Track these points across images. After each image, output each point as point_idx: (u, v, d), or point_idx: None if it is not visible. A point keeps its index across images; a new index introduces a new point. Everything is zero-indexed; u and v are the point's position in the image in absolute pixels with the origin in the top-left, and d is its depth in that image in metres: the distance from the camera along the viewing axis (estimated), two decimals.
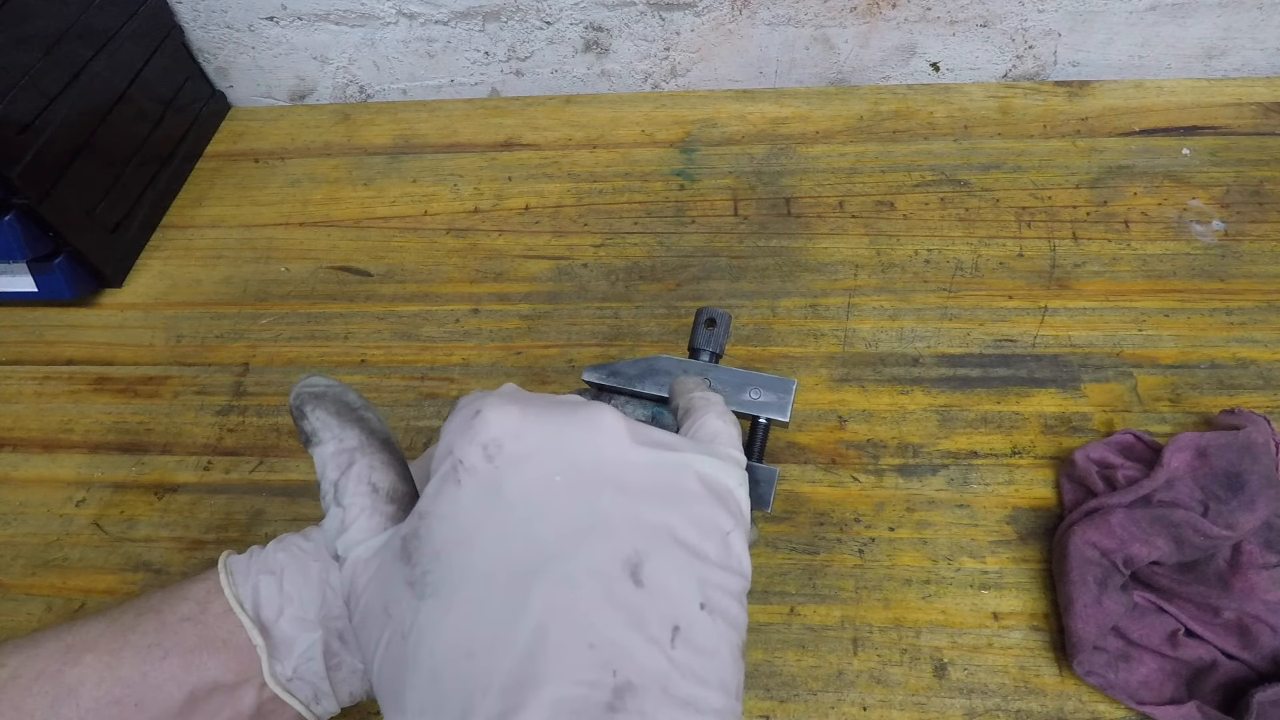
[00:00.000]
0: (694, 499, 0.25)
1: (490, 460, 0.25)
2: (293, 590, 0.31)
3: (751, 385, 0.35)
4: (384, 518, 0.27)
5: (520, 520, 0.24)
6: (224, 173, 0.65)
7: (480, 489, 0.25)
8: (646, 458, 0.25)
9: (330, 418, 0.29)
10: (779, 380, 0.35)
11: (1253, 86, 0.61)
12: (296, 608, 0.30)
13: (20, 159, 0.48)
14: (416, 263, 0.56)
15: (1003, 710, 0.36)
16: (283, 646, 0.30)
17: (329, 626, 0.31)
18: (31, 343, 0.54)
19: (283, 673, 0.30)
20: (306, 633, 0.30)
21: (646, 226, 0.57)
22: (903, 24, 0.61)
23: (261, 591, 0.31)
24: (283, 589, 0.31)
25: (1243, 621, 0.36)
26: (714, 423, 0.29)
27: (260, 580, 0.31)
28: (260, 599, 0.31)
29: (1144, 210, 0.54)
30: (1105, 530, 0.37)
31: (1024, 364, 0.47)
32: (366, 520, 0.27)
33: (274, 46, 0.66)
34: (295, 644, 0.30)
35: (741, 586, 0.25)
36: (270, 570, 0.31)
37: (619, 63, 0.65)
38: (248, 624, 0.30)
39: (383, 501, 0.28)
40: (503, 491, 0.24)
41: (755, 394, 0.35)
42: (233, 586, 0.30)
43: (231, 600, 0.30)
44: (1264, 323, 0.48)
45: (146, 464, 0.48)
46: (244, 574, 0.31)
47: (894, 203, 0.56)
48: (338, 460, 0.28)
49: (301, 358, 0.52)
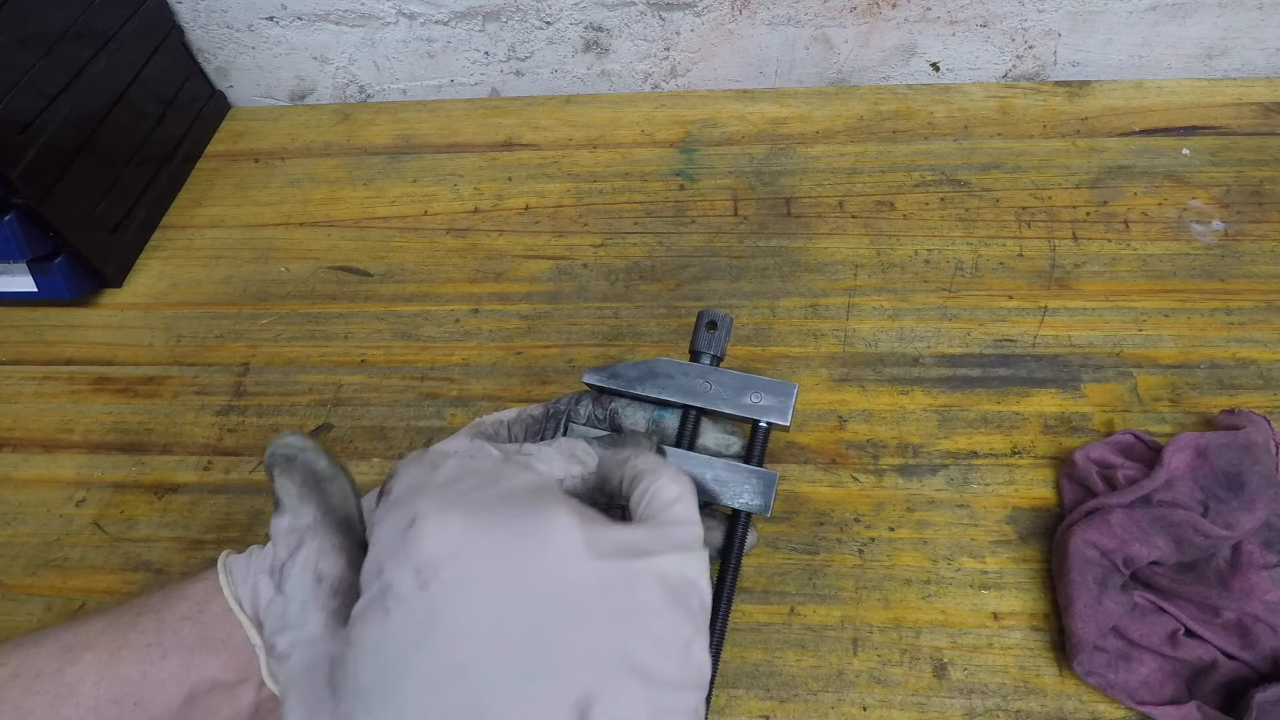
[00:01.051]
0: (653, 613, 0.23)
1: (424, 588, 0.22)
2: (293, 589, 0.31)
3: (752, 389, 0.35)
4: (326, 613, 0.25)
5: (456, 663, 0.21)
6: (224, 173, 0.65)
7: (411, 622, 0.22)
8: (601, 573, 0.23)
9: (292, 487, 0.26)
10: (780, 384, 0.35)
11: (1253, 86, 0.61)
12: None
13: (20, 159, 0.48)
14: (416, 263, 0.56)
15: (1003, 710, 0.36)
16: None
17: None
18: (31, 343, 0.54)
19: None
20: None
21: (646, 226, 0.57)
22: (903, 24, 0.61)
23: (260, 591, 0.30)
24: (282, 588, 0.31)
25: (1243, 621, 0.36)
26: (667, 489, 0.27)
27: (260, 580, 0.31)
28: (259, 598, 0.30)
29: (1144, 210, 0.54)
30: (1105, 530, 0.37)
31: (1024, 364, 0.47)
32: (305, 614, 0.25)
33: (274, 46, 0.66)
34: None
35: (699, 698, 0.24)
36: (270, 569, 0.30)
37: (619, 63, 0.65)
38: (246, 624, 0.30)
39: (325, 594, 0.25)
40: (436, 626, 0.21)
41: (756, 397, 0.35)
42: (231, 586, 0.30)
43: (230, 600, 0.30)
44: (1264, 323, 0.48)
45: (146, 464, 0.48)
46: (243, 574, 0.31)
47: (894, 203, 0.56)
48: (288, 540, 0.26)
49: (301, 358, 0.52)
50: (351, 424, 0.48)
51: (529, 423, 0.37)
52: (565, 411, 0.37)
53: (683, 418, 0.36)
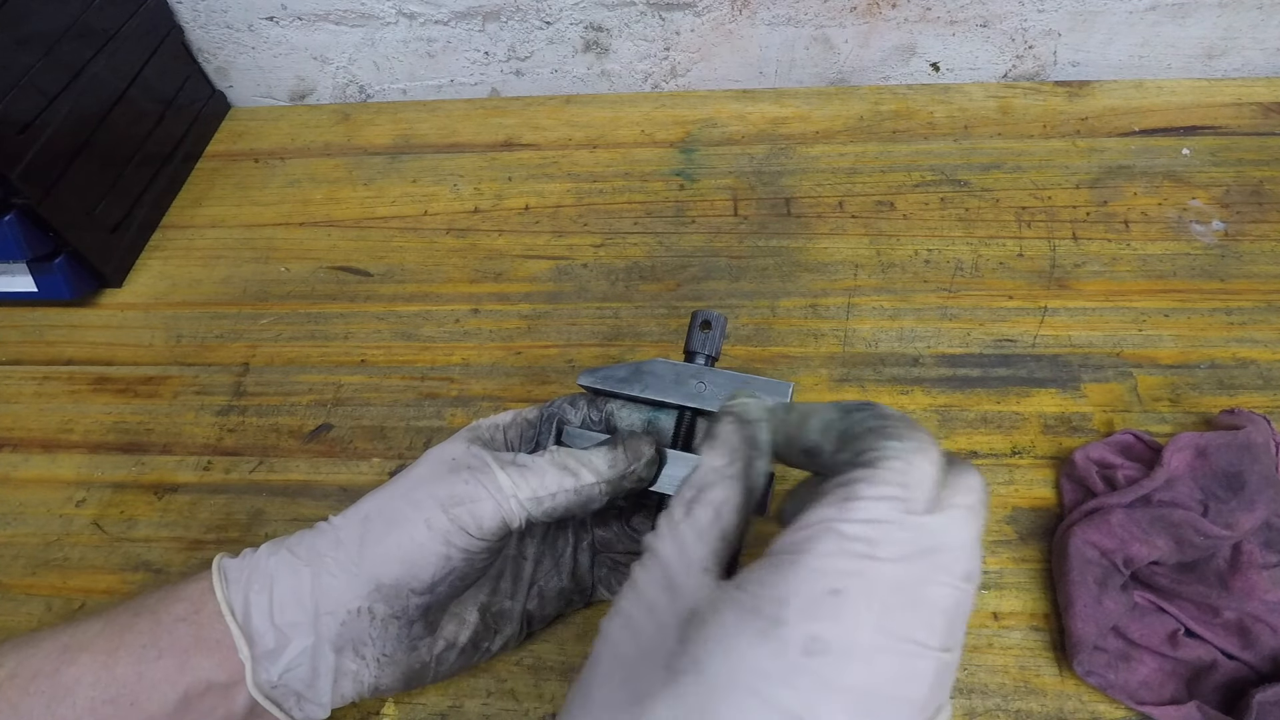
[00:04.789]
0: None
1: (801, 666, 0.20)
2: (285, 595, 0.31)
3: (747, 389, 0.35)
4: (709, 551, 0.25)
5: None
6: (224, 173, 0.65)
7: (763, 667, 0.20)
8: None
9: (736, 438, 0.27)
10: (775, 383, 0.35)
11: (1253, 86, 0.61)
12: (289, 613, 0.31)
13: (20, 159, 0.48)
14: (416, 263, 0.56)
15: (1003, 710, 0.36)
16: (270, 653, 0.30)
17: (322, 632, 0.31)
18: (31, 343, 0.54)
19: (267, 679, 0.30)
20: (298, 639, 0.31)
21: (646, 226, 0.57)
22: (903, 24, 0.61)
23: (252, 597, 0.31)
24: (273, 595, 0.31)
25: (1243, 621, 0.36)
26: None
27: (252, 585, 0.31)
28: (251, 604, 0.31)
29: (1144, 210, 0.54)
30: (1105, 530, 0.37)
31: (1024, 364, 0.47)
32: (697, 543, 0.25)
33: (274, 46, 0.66)
34: (285, 650, 0.30)
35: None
36: (262, 575, 0.31)
37: (619, 63, 0.65)
38: (235, 631, 0.30)
39: (716, 536, 0.25)
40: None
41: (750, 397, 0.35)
42: (224, 590, 0.31)
43: (222, 605, 0.30)
44: (1264, 323, 0.48)
45: (146, 464, 0.48)
46: (236, 578, 0.31)
47: (894, 203, 0.56)
48: (704, 476, 0.26)
49: (301, 358, 0.52)
50: (351, 424, 0.48)
51: (524, 427, 0.37)
52: (557, 414, 0.37)
53: (678, 419, 0.36)
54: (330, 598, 0.31)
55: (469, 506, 0.31)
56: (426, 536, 0.31)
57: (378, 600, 0.31)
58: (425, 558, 0.31)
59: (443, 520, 0.31)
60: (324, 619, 0.31)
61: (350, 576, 0.31)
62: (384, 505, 0.32)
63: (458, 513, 0.31)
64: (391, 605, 0.31)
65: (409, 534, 0.31)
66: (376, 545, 0.31)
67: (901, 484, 0.22)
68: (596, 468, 0.33)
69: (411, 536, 0.31)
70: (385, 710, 0.37)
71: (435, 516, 0.31)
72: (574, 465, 0.33)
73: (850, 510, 0.21)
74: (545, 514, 0.32)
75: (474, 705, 0.37)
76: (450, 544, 0.31)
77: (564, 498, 0.32)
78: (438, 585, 0.32)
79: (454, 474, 0.32)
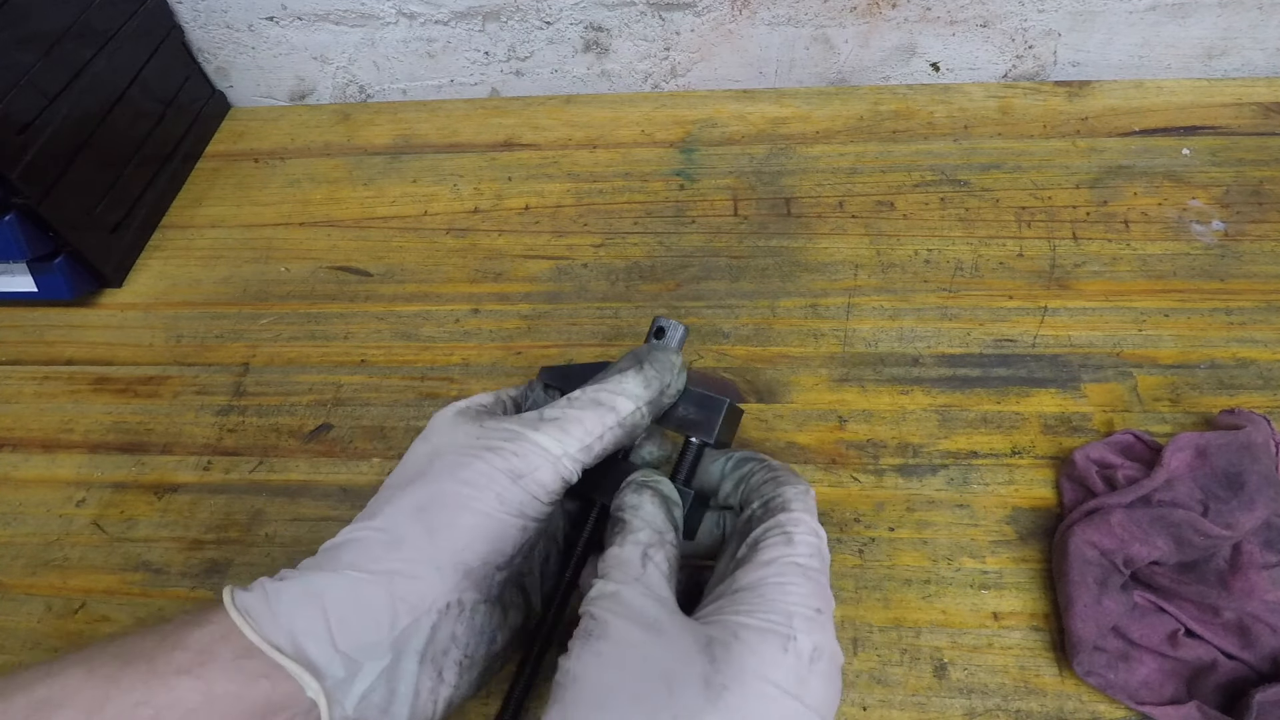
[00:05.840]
0: None
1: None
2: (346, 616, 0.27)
3: (685, 401, 0.33)
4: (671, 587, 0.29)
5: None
6: (224, 173, 0.65)
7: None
8: None
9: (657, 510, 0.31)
10: (710, 398, 0.33)
11: (1253, 86, 0.61)
12: (357, 634, 0.26)
13: (20, 159, 0.48)
14: (416, 263, 0.56)
15: (1003, 710, 0.36)
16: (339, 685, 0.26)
17: (404, 646, 0.27)
18: (31, 343, 0.54)
19: (342, 716, 0.26)
20: (372, 661, 0.27)
21: (646, 226, 0.57)
22: (903, 24, 0.61)
23: (301, 625, 0.26)
24: (329, 619, 0.26)
25: (1243, 621, 0.36)
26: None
27: (297, 613, 0.26)
28: (300, 635, 0.26)
29: (1144, 210, 0.54)
30: (1105, 530, 0.37)
31: (1024, 364, 0.47)
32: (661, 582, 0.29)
33: (274, 46, 0.66)
34: (357, 677, 0.26)
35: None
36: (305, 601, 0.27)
37: (619, 63, 0.65)
38: (293, 669, 0.25)
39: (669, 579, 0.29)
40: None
41: (686, 410, 0.33)
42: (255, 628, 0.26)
43: (262, 645, 0.25)
44: (1264, 323, 0.48)
45: (146, 464, 0.48)
46: (266, 610, 0.26)
47: (894, 203, 0.56)
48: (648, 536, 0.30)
49: (301, 358, 0.52)
50: (351, 424, 0.48)
51: (508, 405, 0.37)
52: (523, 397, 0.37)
53: None
54: (414, 600, 0.28)
55: (532, 475, 0.30)
56: (502, 510, 0.29)
57: (467, 589, 0.29)
58: (507, 532, 0.30)
59: (515, 491, 0.30)
60: (410, 630, 0.27)
61: (434, 570, 0.28)
62: (436, 493, 0.30)
63: (525, 483, 0.30)
64: (480, 588, 0.30)
65: (485, 511, 0.29)
66: (452, 530, 0.29)
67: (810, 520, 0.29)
68: (632, 392, 0.32)
69: (489, 514, 0.29)
70: None
71: (506, 490, 0.30)
72: (608, 398, 0.31)
73: (796, 547, 0.28)
74: (596, 458, 0.31)
75: (474, 705, 0.37)
76: (524, 514, 0.30)
77: (611, 436, 0.31)
78: (515, 557, 0.31)
79: (491, 451, 0.30)
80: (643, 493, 0.31)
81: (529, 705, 0.33)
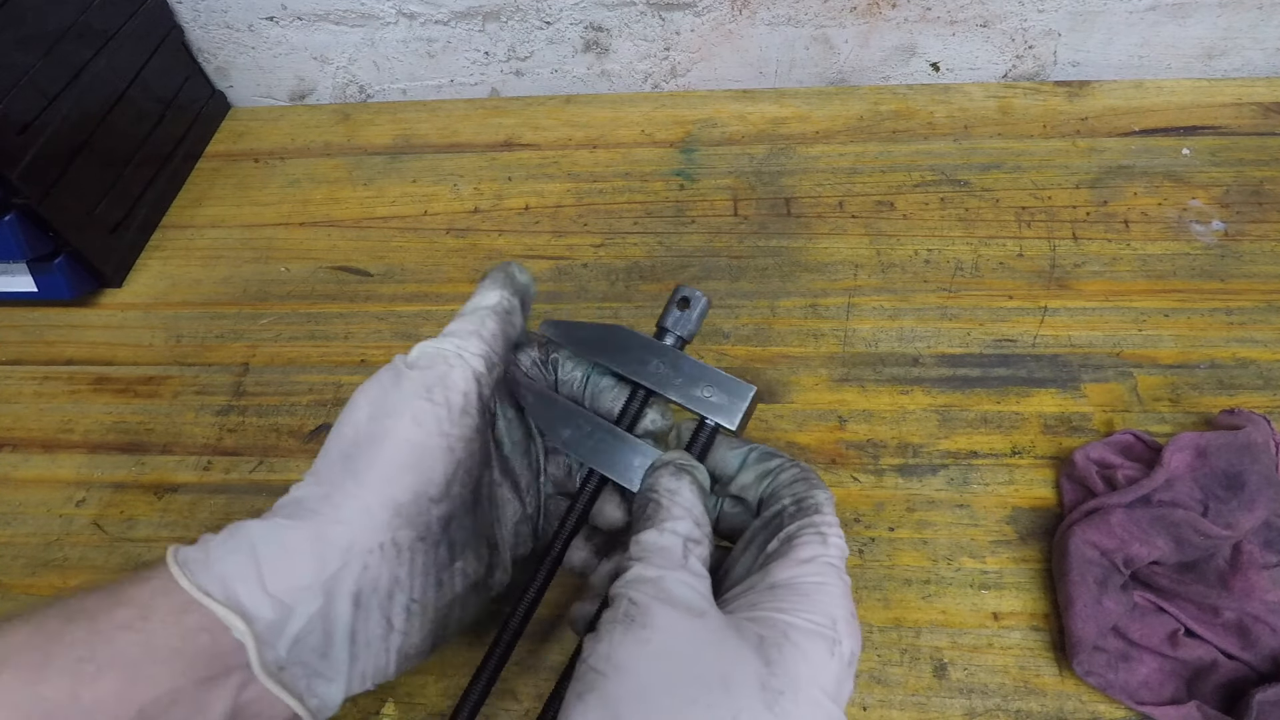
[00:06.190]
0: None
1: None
2: (276, 562, 0.27)
3: (705, 381, 0.32)
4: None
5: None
6: (224, 173, 0.65)
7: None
8: None
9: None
10: (737, 383, 0.32)
11: (1253, 86, 0.61)
12: (286, 578, 0.27)
13: (20, 159, 0.48)
14: (416, 263, 0.56)
15: (1003, 710, 0.36)
16: (270, 628, 0.26)
17: (336, 589, 0.27)
18: (31, 343, 0.54)
19: (274, 659, 0.26)
20: (304, 604, 0.27)
21: (646, 226, 0.57)
22: (903, 24, 0.61)
23: (231, 572, 0.26)
24: (260, 566, 0.27)
25: (1243, 621, 0.36)
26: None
27: (228, 560, 0.27)
28: (232, 580, 0.26)
29: (1144, 210, 0.54)
30: (1105, 530, 0.37)
31: (1024, 364, 0.47)
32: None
33: (274, 46, 0.66)
34: (289, 621, 0.27)
35: None
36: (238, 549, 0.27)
37: (619, 63, 0.65)
38: (222, 612, 0.26)
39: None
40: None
41: (707, 391, 0.32)
42: (190, 578, 0.26)
43: (193, 591, 0.26)
44: (1264, 323, 0.48)
45: (146, 464, 0.48)
46: (202, 562, 0.27)
47: (894, 203, 0.56)
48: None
49: (301, 358, 0.52)
50: None
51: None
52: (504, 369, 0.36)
53: (629, 396, 0.34)
54: (343, 544, 0.27)
55: (441, 385, 0.30)
56: (421, 433, 0.29)
57: (400, 526, 0.28)
58: (430, 455, 0.29)
59: (428, 408, 0.29)
60: (339, 575, 0.27)
61: (362, 511, 0.28)
62: (357, 433, 0.30)
63: (436, 394, 0.30)
64: (415, 525, 0.29)
65: (403, 437, 0.29)
66: (376, 467, 0.29)
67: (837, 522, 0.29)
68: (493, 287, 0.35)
69: (408, 439, 0.29)
70: (385, 710, 0.37)
71: (419, 408, 0.29)
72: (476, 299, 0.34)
73: (830, 547, 0.28)
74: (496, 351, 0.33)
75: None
76: (445, 433, 0.30)
77: (492, 321, 0.33)
78: (451, 485, 0.30)
79: (401, 375, 0.31)
80: (682, 478, 0.31)
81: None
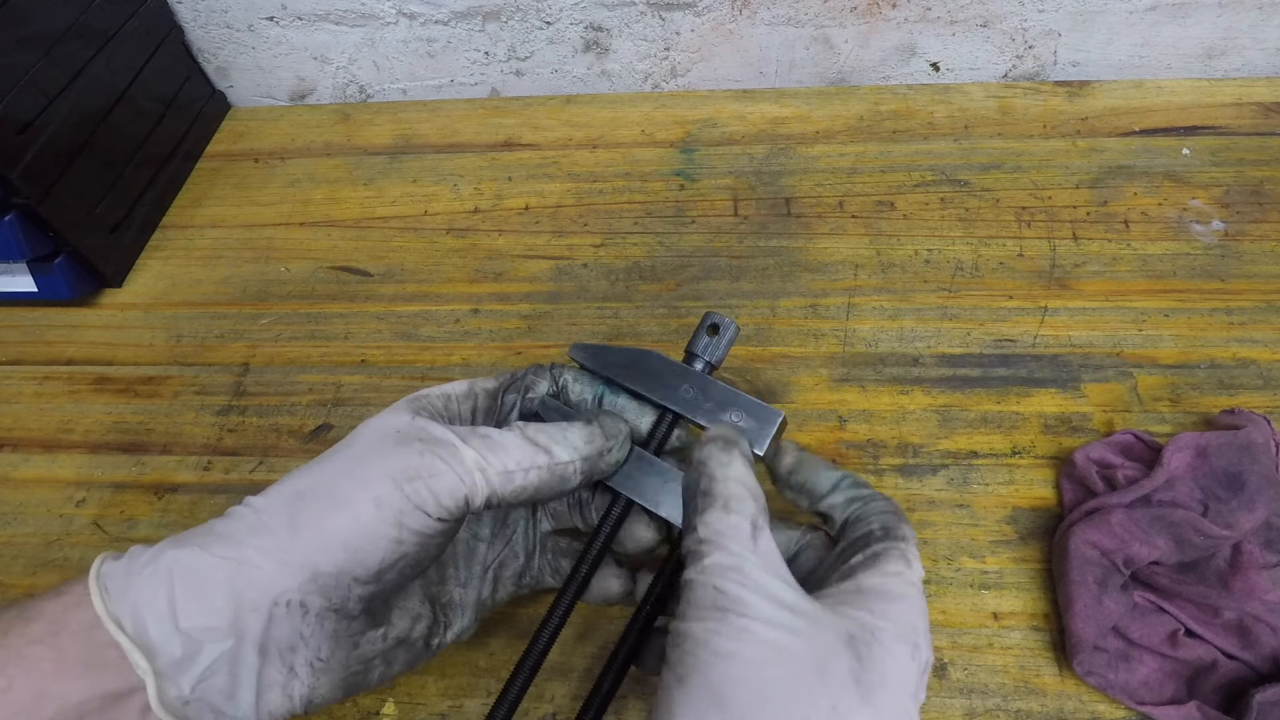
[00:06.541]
0: None
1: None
2: (190, 596, 0.26)
3: (734, 407, 0.33)
4: None
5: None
6: (224, 173, 0.65)
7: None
8: None
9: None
10: (766, 409, 0.33)
11: (1253, 86, 0.61)
12: (198, 616, 0.26)
13: (20, 159, 0.48)
14: (416, 263, 0.56)
15: (1003, 710, 0.36)
16: (178, 663, 0.26)
17: (244, 633, 0.27)
18: (31, 343, 0.54)
19: (178, 694, 0.26)
20: (212, 643, 0.26)
21: (646, 226, 0.57)
22: (903, 24, 0.61)
23: (143, 601, 0.26)
24: (175, 597, 0.26)
25: (1243, 621, 0.36)
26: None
27: (142, 589, 0.26)
28: (143, 610, 0.26)
29: (1144, 210, 0.54)
30: (1105, 530, 0.37)
31: (1024, 364, 0.47)
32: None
33: (274, 46, 0.66)
34: (197, 658, 0.26)
35: None
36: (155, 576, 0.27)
37: (619, 63, 0.65)
38: (126, 644, 0.25)
39: None
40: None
41: (736, 417, 0.33)
42: (104, 600, 0.26)
43: (104, 618, 0.26)
44: (1264, 323, 0.48)
45: (146, 464, 0.48)
46: (123, 581, 0.27)
47: (894, 203, 0.56)
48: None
49: (301, 358, 0.52)
50: (351, 424, 0.47)
51: (481, 398, 0.35)
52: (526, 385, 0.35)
53: (657, 420, 0.35)
54: (255, 590, 0.27)
55: (426, 481, 0.28)
56: (375, 517, 0.27)
57: (313, 592, 0.27)
58: (373, 541, 0.27)
59: (395, 497, 0.28)
60: (247, 617, 0.26)
61: (279, 564, 0.27)
62: (320, 482, 0.29)
63: (414, 488, 0.28)
64: (330, 597, 0.27)
65: (354, 514, 0.27)
66: (314, 527, 0.27)
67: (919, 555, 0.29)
68: (573, 443, 0.31)
69: (357, 517, 0.27)
70: (385, 710, 0.37)
71: (386, 493, 0.28)
72: (546, 441, 0.30)
73: (913, 570, 0.28)
74: (514, 493, 0.30)
75: (474, 705, 0.37)
76: (403, 525, 0.28)
77: (535, 475, 0.30)
78: (385, 573, 0.28)
79: (403, 446, 0.29)
80: (732, 451, 0.29)
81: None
